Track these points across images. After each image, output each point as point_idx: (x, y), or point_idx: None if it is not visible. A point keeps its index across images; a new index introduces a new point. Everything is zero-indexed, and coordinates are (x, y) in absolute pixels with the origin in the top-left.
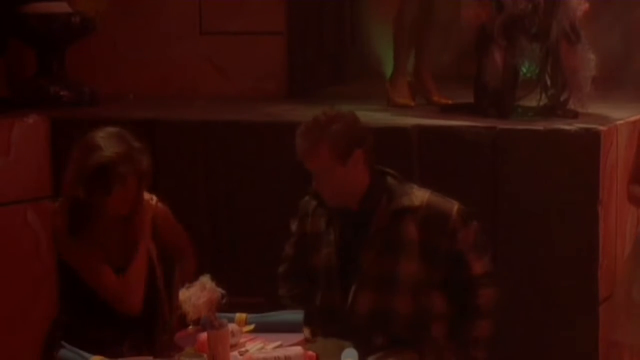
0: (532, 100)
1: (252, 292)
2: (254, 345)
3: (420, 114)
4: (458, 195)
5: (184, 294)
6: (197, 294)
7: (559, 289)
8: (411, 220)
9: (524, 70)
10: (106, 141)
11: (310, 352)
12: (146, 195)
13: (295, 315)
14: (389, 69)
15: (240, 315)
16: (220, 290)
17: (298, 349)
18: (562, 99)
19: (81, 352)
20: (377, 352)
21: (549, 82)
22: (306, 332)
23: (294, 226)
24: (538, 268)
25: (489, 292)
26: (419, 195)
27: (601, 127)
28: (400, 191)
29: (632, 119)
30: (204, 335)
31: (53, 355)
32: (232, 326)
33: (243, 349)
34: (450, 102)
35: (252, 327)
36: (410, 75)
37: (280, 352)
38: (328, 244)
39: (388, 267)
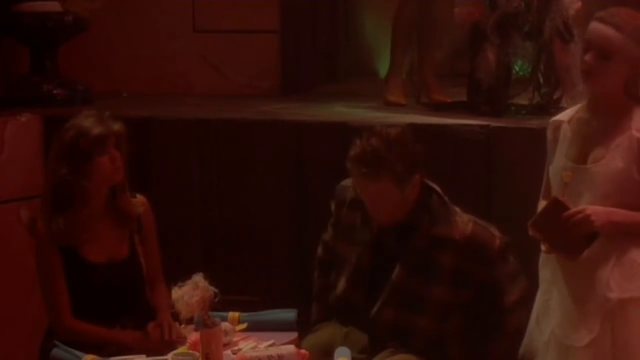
0: (525, 98)
1: (245, 290)
2: (247, 344)
3: (414, 112)
4: (451, 193)
5: (176, 293)
6: (189, 293)
7: None
8: (450, 249)
9: (517, 68)
10: (76, 119)
11: (303, 351)
12: (139, 198)
13: (288, 314)
14: (382, 67)
15: (233, 314)
16: (213, 289)
17: (291, 348)
18: (555, 97)
19: (74, 351)
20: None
21: (542, 80)
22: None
23: (332, 207)
24: (533, 266)
25: (518, 317)
26: (462, 225)
27: None
28: (444, 216)
29: None
30: (196, 334)
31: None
32: (225, 325)
33: (236, 348)
34: (449, 100)
35: (245, 325)
36: (405, 73)
37: (273, 351)
38: (362, 243)
39: (418, 288)
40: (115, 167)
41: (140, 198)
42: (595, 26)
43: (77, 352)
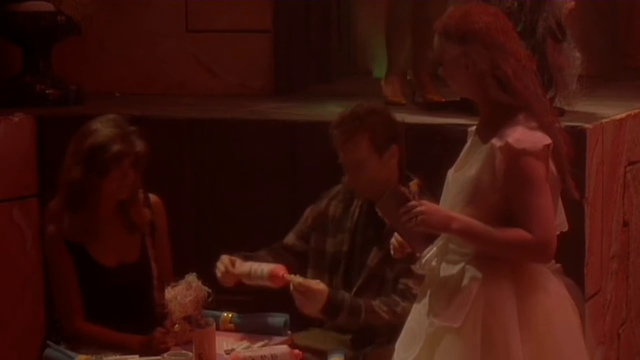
0: None
1: (238, 290)
2: (240, 344)
3: (407, 112)
4: None
5: (169, 293)
6: (183, 293)
7: None
8: None
9: None
10: (101, 125)
11: (296, 351)
12: (152, 198)
13: (280, 318)
14: (379, 67)
15: (225, 315)
16: (206, 289)
17: (284, 348)
18: (548, 96)
19: (67, 351)
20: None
21: None
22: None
23: (307, 211)
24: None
25: None
26: None
27: (587, 125)
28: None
29: (618, 116)
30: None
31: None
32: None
33: (229, 348)
34: (443, 100)
35: (232, 326)
36: (403, 72)
37: (267, 351)
38: (343, 230)
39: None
40: (124, 184)
41: (153, 199)
42: None
43: (70, 352)
